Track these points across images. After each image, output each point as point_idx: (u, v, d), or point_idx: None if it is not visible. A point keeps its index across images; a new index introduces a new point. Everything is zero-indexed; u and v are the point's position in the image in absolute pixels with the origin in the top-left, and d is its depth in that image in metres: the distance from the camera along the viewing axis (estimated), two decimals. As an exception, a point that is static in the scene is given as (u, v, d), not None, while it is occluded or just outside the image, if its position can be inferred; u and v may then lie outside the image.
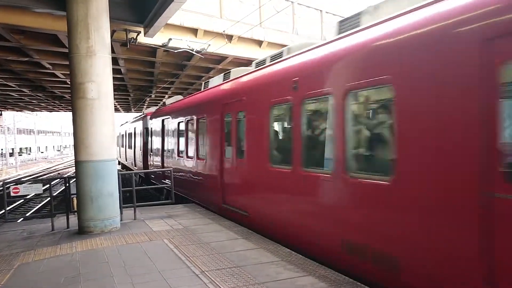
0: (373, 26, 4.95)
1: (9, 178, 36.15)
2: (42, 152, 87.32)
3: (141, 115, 22.93)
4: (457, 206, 3.60)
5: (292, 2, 16.59)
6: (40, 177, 35.31)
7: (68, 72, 8.57)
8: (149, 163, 18.58)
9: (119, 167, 32.44)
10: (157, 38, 13.41)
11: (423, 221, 3.95)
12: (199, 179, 10.98)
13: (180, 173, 12.68)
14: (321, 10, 18.16)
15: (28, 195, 8.90)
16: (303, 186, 6.01)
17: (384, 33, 4.62)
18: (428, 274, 3.90)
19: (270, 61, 7.87)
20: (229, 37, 14.72)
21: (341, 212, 5.23)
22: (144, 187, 13.19)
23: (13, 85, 22.15)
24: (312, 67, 5.99)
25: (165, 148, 14.95)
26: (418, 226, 4.01)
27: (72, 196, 9.30)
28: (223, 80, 10.29)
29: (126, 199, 11.14)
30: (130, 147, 25.49)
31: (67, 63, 8.42)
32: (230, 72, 10.15)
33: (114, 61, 15.79)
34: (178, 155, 12.97)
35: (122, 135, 30.66)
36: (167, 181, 13.57)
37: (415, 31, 4.16)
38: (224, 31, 14.29)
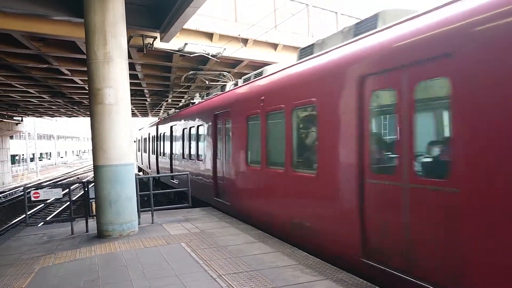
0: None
1: (30, 183, 36.88)
2: (61, 157, 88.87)
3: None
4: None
5: (307, 4, 16.55)
6: (60, 182, 35.91)
7: (86, 78, 8.70)
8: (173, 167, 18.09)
9: (136, 170, 32.72)
10: (173, 43, 13.51)
11: None
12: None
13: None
14: (336, 12, 18.07)
15: (48, 199, 9.04)
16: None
17: None
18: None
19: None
20: (244, 41, 14.75)
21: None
22: (162, 191, 13.33)
23: (33, 92, 22.59)
24: None
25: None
26: None
27: (91, 200, 9.42)
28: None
29: (144, 203, 11.22)
30: (158, 152, 23.77)
31: (85, 69, 8.55)
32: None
33: (131, 66, 15.95)
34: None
35: (145, 139, 29.07)
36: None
37: None
38: (239, 35, 14.33)
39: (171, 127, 17.12)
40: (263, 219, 7.98)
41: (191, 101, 16.55)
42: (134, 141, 33.09)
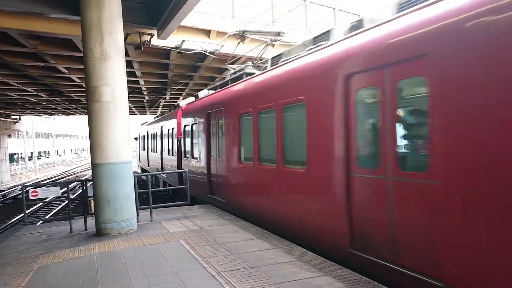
0: None
1: (29, 182, 36.84)
2: (60, 156, 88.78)
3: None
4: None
5: (304, 0, 16.51)
6: (58, 180, 35.88)
7: (84, 76, 8.66)
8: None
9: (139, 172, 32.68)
10: (171, 40, 13.47)
11: None
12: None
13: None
14: (334, 8, 18.03)
15: (47, 198, 9.02)
16: None
17: None
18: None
19: None
20: (242, 37, 14.70)
21: None
22: (161, 189, 13.22)
23: (31, 90, 22.55)
24: None
25: None
26: None
27: (89, 199, 9.41)
28: None
29: (142, 201, 11.21)
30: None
31: (82, 67, 8.51)
32: None
33: (129, 64, 15.92)
34: None
35: (154, 135, 22.97)
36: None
37: None
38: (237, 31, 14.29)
39: (209, 114, 11.45)
40: None
41: (245, 71, 10.90)
42: (136, 138, 32.89)
